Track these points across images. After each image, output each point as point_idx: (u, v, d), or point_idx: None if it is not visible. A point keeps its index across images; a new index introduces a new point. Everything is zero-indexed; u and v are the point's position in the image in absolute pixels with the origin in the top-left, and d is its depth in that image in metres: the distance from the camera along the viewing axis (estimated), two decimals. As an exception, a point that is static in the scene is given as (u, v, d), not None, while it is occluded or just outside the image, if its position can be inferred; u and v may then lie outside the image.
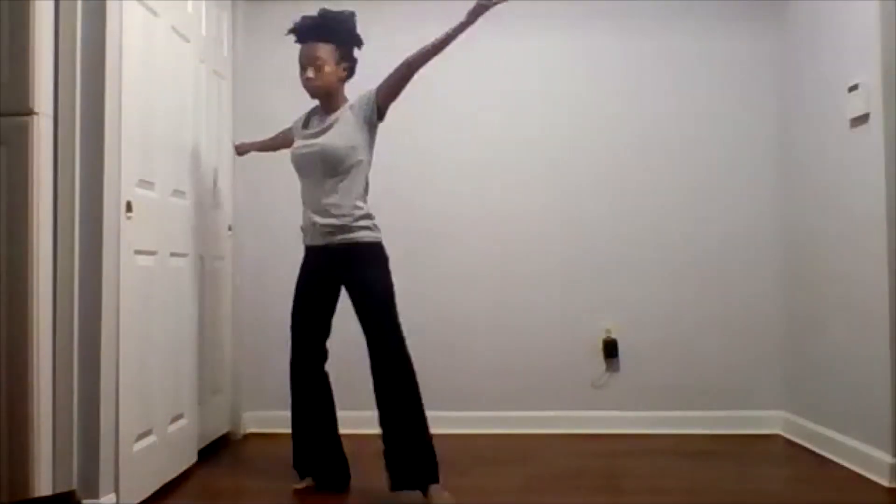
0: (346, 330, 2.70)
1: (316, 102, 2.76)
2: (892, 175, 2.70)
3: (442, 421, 2.59)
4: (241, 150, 3.27)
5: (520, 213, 3.63)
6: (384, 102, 2.63)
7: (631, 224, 3.62)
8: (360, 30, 2.70)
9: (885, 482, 2.67)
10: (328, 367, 2.73)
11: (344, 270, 2.62)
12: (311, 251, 2.71)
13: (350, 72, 2.72)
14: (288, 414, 2.72)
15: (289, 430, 2.73)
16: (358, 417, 3.04)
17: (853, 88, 2.90)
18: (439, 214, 3.60)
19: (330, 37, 2.64)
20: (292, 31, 2.68)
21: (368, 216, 2.62)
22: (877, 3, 2.76)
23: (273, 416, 3.49)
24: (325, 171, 2.59)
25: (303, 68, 2.66)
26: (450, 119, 3.64)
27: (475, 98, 3.65)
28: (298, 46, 2.68)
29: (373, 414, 2.54)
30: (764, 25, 3.62)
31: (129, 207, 2.40)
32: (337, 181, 2.59)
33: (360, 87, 2.69)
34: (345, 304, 2.67)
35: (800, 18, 3.43)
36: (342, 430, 2.75)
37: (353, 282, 2.61)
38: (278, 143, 3.02)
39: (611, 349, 3.57)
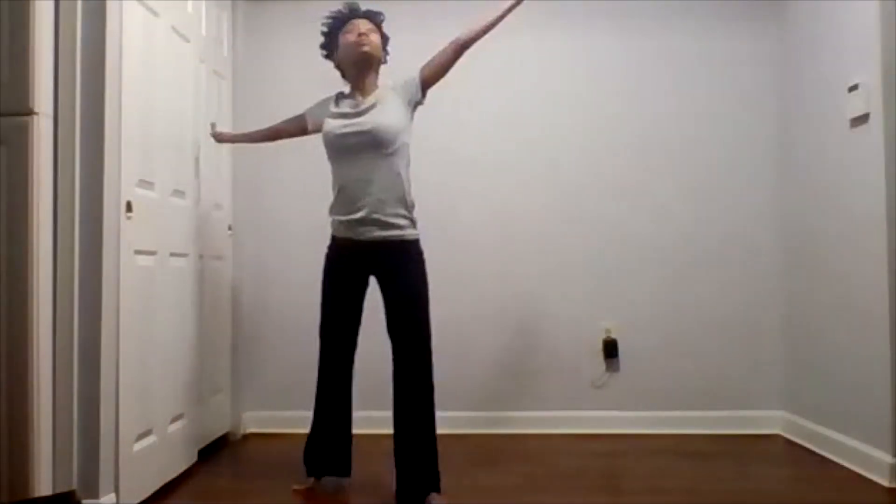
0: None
1: (335, 90, 2.69)
2: (892, 175, 2.70)
3: (442, 421, 2.58)
4: (219, 139, 3.14)
5: (520, 213, 3.62)
6: (428, 83, 2.59)
7: (631, 224, 3.61)
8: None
9: (885, 482, 2.67)
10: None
11: (384, 266, 2.53)
12: (343, 243, 2.57)
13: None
14: (287, 414, 2.73)
15: (288, 431, 2.75)
16: (363, 418, 3.05)
17: (853, 88, 2.90)
18: (439, 214, 3.58)
19: (377, 25, 2.66)
20: (337, 13, 2.65)
21: (414, 206, 2.57)
22: (877, 3, 2.76)
23: (273, 416, 3.49)
24: (374, 151, 2.48)
25: (351, 32, 2.58)
26: (449, 119, 3.62)
27: (475, 98, 3.64)
28: (298, 47, 2.67)
29: (371, 414, 2.53)
30: (764, 25, 3.62)
31: (129, 207, 2.40)
32: (386, 162, 2.49)
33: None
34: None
35: (800, 18, 3.43)
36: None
37: (394, 281, 2.52)
38: (290, 130, 2.83)
39: (611, 349, 3.57)
